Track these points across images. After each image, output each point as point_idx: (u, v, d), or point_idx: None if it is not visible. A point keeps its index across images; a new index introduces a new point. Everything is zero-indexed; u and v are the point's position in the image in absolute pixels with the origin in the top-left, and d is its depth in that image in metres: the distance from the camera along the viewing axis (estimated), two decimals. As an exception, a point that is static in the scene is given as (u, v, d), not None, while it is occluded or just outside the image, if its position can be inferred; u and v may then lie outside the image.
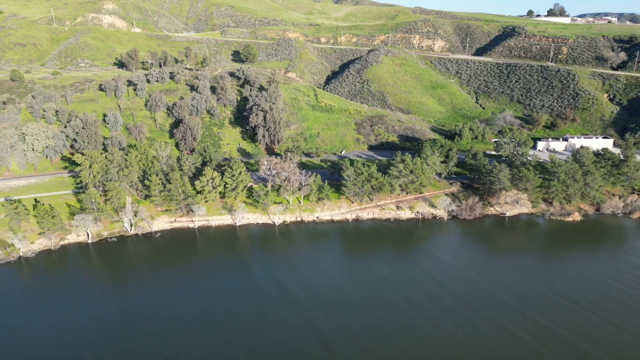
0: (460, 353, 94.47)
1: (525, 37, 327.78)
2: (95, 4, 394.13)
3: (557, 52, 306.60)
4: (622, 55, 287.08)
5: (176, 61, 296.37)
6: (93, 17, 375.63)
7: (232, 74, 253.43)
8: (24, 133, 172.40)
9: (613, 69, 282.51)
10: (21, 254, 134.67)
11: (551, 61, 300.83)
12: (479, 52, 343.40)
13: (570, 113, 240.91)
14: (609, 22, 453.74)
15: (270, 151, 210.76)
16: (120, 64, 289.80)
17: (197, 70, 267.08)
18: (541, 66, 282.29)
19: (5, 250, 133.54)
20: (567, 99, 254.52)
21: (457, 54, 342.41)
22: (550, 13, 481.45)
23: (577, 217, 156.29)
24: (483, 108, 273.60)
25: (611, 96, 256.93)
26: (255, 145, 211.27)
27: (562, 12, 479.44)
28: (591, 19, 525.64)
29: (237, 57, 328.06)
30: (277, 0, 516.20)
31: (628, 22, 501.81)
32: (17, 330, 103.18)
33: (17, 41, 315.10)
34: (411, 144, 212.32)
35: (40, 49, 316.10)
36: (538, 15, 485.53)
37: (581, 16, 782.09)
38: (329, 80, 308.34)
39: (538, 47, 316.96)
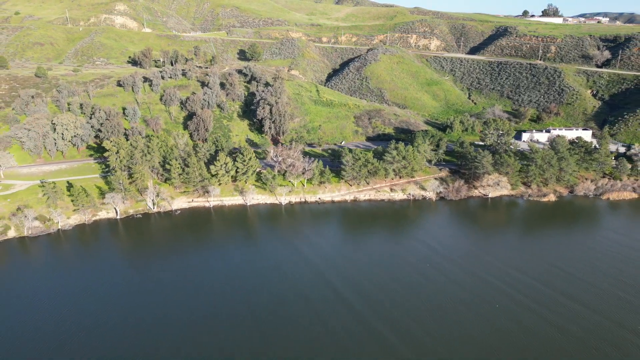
0: (444, 292, 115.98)
1: (516, 36, 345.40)
2: (107, 5, 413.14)
3: (546, 51, 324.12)
4: (607, 54, 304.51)
5: (186, 60, 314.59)
6: (105, 17, 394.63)
7: (239, 71, 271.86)
8: (54, 123, 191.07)
9: (598, 66, 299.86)
10: (59, 227, 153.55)
11: (540, 59, 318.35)
12: (473, 51, 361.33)
13: (555, 107, 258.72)
14: (599, 22, 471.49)
15: (275, 142, 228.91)
16: (134, 62, 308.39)
17: (207, 67, 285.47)
18: (530, 64, 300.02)
19: (46, 224, 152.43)
20: (553, 94, 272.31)
21: (452, 52, 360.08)
22: (545, 13, 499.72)
23: (552, 197, 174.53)
24: (475, 103, 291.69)
25: (594, 92, 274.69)
26: (262, 136, 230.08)
27: (555, 13, 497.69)
28: (583, 19, 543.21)
29: (242, 55, 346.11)
30: (280, 1, 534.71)
31: (618, 22, 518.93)
32: (54, 291, 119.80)
33: (35, 41, 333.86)
34: (406, 136, 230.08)
35: (58, 48, 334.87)
36: (532, 16, 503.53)
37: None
38: (330, 77, 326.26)
39: (528, 46, 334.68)
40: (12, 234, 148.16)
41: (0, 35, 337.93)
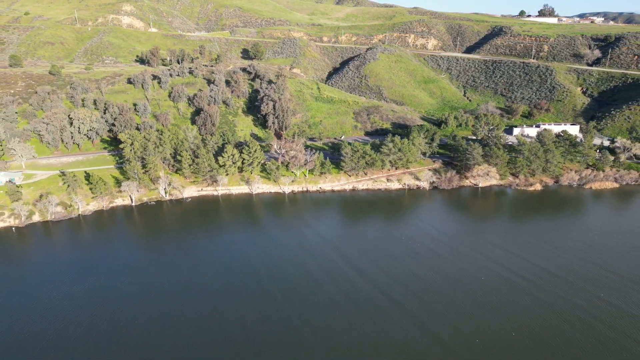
0: (438, 265, 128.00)
1: (511, 36, 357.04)
2: (114, 6, 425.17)
3: (539, 50, 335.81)
4: (597, 52, 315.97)
5: (192, 59, 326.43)
6: (113, 17, 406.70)
7: (243, 69, 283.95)
8: (71, 118, 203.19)
9: (588, 65, 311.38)
10: (80, 213, 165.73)
11: (533, 58, 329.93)
12: (469, 50, 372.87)
13: (545, 104, 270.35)
14: (592, 22, 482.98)
15: (278, 136, 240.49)
16: (142, 61, 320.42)
17: (212, 66, 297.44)
18: (523, 62, 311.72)
19: (68, 209, 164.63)
20: (545, 91, 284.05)
21: (449, 51, 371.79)
22: (541, 13, 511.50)
23: (538, 187, 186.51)
24: (470, 100, 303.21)
25: (584, 89, 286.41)
26: (266, 131, 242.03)
27: (551, 13, 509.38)
28: (578, 19, 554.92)
29: (246, 54, 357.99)
30: (281, 1, 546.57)
31: (611, 22, 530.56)
32: (75, 269, 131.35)
33: (46, 40, 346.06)
34: (402, 130, 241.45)
35: (67, 47, 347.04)
36: (529, 16, 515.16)
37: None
38: (330, 75, 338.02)
39: (522, 45, 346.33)
40: (36, 218, 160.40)
41: (12, 35, 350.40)
